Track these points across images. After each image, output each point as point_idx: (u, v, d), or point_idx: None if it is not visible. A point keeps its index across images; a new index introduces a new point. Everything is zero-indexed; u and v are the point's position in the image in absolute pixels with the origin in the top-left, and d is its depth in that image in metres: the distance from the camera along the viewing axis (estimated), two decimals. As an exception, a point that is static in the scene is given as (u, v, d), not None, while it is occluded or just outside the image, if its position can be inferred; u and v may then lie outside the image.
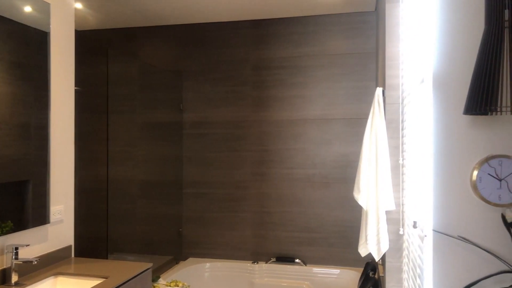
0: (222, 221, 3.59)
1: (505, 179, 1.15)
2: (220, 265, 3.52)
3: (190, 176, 3.66)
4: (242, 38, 3.54)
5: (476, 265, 1.17)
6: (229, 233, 3.57)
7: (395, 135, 2.22)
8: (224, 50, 3.57)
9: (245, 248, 3.55)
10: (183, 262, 3.55)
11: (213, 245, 3.61)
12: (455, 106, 1.19)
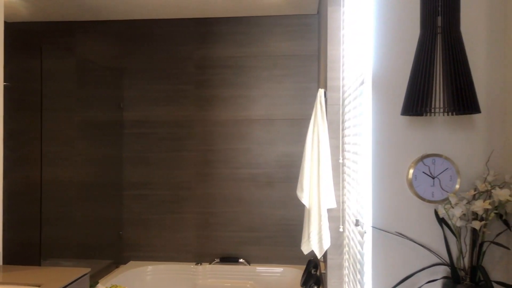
0: (164, 222, 3.51)
1: (438, 177, 1.22)
2: (163, 268, 3.43)
3: (130, 177, 3.54)
4: (186, 36, 3.48)
5: (412, 259, 1.23)
6: (172, 234, 3.50)
7: (336, 135, 2.28)
8: (167, 48, 3.50)
9: (188, 250, 3.50)
10: (123, 266, 3.43)
11: (155, 248, 3.52)
12: (393, 107, 1.24)
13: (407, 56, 1.23)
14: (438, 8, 1.07)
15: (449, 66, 1.04)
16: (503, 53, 1.21)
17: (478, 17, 1.22)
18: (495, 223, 1.18)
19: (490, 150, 1.21)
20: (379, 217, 1.24)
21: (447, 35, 1.05)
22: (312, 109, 3.37)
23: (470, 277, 1.13)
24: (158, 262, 3.49)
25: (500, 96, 1.21)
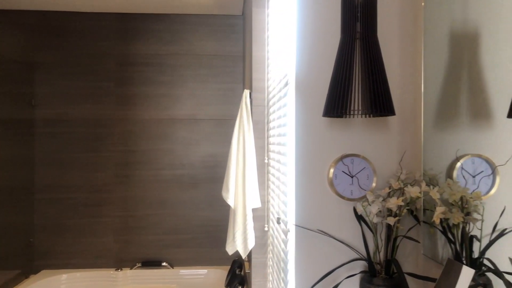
0: (81, 228, 3.31)
1: (356, 176, 1.28)
2: (79, 276, 3.23)
3: (43, 180, 3.28)
4: (106, 31, 3.31)
5: (333, 255, 1.27)
6: (90, 240, 3.31)
7: (261, 135, 2.31)
8: (85, 43, 3.30)
9: (107, 255, 3.33)
10: (34, 275, 3.17)
11: (71, 255, 3.30)
12: (315, 109, 1.28)
13: (329, 59, 1.27)
14: (358, 14, 1.11)
15: (367, 70, 1.09)
16: (413, 60, 1.30)
17: (392, 25, 1.30)
18: (407, 219, 1.27)
19: (403, 150, 1.29)
20: (302, 216, 1.27)
21: (365, 40, 1.10)
22: (237, 109, 3.38)
23: (385, 270, 1.20)
24: (74, 270, 3.28)
25: (411, 100, 1.30)
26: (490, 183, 0.97)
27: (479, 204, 1.00)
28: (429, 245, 1.22)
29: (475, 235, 1.01)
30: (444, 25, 1.14)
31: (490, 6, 0.97)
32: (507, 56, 0.91)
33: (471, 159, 1.03)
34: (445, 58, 1.14)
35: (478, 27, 1.01)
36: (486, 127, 0.98)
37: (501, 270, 0.92)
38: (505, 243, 0.91)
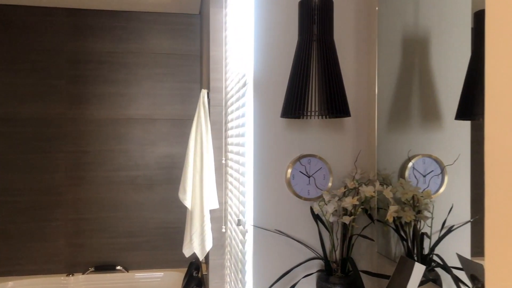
0: (29, 232, 3.15)
1: (313, 176, 1.29)
2: (27, 283, 3.07)
3: (-13, 182, 3.10)
4: (56, 27, 3.17)
5: (291, 255, 1.28)
6: (39, 245, 3.16)
7: (219, 136, 2.29)
8: (34, 38, 3.15)
9: (58, 261, 3.19)
10: (-23, 284, 2.99)
11: (18, 261, 3.14)
12: (273, 110, 1.28)
13: (286, 60, 1.28)
14: (315, 17, 1.13)
15: (323, 72, 1.11)
16: (368, 63, 1.33)
17: (348, 28, 1.32)
18: (362, 217, 1.30)
19: (358, 150, 1.32)
20: (260, 216, 1.27)
21: (322, 42, 1.12)
22: (195, 109, 3.34)
23: (341, 268, 1.22)
24: (22, 276, 3.12)
25: (365, 101, 1.33)
26: (439, 182, 1.01)
27: (429, 203, 1.04)
28: (383, 243, 1.25)
29: (426, 232, 1.05)
30: (397, 29, 1.18)
31: (439, 12, 1.01)
32: (454, 60, 0.95)
33: (422, 159, 1.07)
34: (397, 61, 1.18)
35: (428, 32, 1.05)
36: (436, 128, 1.02)
37: (449, 266, 0.96)
38: (453, 239, 0.95)
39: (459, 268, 0.93)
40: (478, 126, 0.88)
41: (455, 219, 0.95)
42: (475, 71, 0.88)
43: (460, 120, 0.93)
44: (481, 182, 0.88)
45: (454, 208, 0.95)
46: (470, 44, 0.90)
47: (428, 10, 1.05)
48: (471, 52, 0.90)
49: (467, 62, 0.91)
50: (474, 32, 0.89)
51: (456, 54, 0.95)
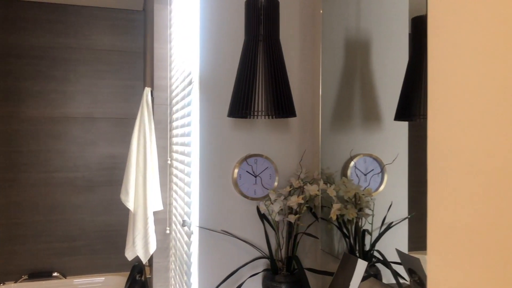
0: (-47, 239, 2.90)
1: (260, 176, 1.30)
2: (-49, 295, 2.84)
3: None
4: (-15, 18, 2.95)
5: (237, 255, 1.28)
6: (-35, 253, 2.92)
7: (163, 135, 2.24)
8: (-42, 29, 2.90)
9: (-13, 269, 2.97)
10: None
11: None
12: (220, 109, 1.27)
13: (233, 59, 1.28)
14: (261, 17, 1.13)
15: (270, 72, 1.12)
16: (312, 64, 1.36)
17: (293, 29, 1.34)
18: (307, 216, 1.32)
19: (303, 150, 1.34)
20: (206, 217, 1.26)
21: (268, 42, 1.12)
22: (138, 108, 3.25)
23: (286, 267, 1.24)
24: None
25: (310, 102, 1.36)
26: (379, 180, 1.05)
27: (370, 200, 1.08)
28: (326, 241, 1.28)
29: (367, 229, 1.09)
30: (340, 32, 1.22)
31: (379, 17, 1.05)
32: (393, 63, 0.99)
33: (363, 158, 1.11)
34: (341, 63, 1.21)
35: (369, 36, 1.09)
36: (376, 128, 1.06)
37: (388, 261, 1.00)
38: (392, 235, 0.99)
39: (398, 262, 0.97)
40: (415, 127, 0.93)
41: (394, 215, 0.99)
42: (413, 74, 0.93)
43: (398, 121, 0.97)
44: (417, 180, 0.92)
45: (393, 205, 0.99)
46: (408, 48, 0.94)
47: (368, 14, 1.09)
48: (409, 57, 0.94)
49: (405, 65, 0.95)
50: (411, 37, 0.94)
51: (395, 57, 0.99)
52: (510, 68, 0.29)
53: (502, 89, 0.30)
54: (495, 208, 0.30)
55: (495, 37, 0.30)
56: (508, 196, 0.29)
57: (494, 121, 0.30)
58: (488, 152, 0.30)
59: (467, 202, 0.33)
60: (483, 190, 0.31)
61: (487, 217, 0.31)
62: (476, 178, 0.32)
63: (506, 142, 0.29)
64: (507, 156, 0.29)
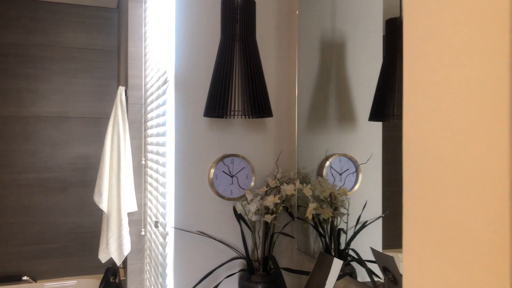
0: None
1: (236, 176, 1.29)
2: None
3: None
4: (-50, 13, 2.84)
5: (213, 256, 1.27)
6: None
7: (138, 135, 2.21)
8: None
9: (-48, 274, 2.85)
10: None
11: None
12: (196, 108, 1.26)
13: (209, 58, 1.27)
14: (237, 16, 1.13)
15: (246, 71, 1.11)
16: (289, 64, 1.36)
17: (269, 29, 1.35)
18: (283, 216, 1.33)
19: (279, 150, 1.34)
20: (182, 218, 1.24)
21: (245, 42, 1.12)
22: (111, 107, 3.19)
23: (263, 266, 1.24)
24: None
25: (286, 102, 1.36)
26: (354, 180, 1.07)
27: (345, 200, 1.09)
28: (302, 240, 1.29)
29: (342, 228, 1.10)
30: (315, 33, 1.23)
31: (354, 18, 1.06)
32: (367, 64, 1.01)
33: (338, 158, 1.12)
34: (316, 64, 1.22)
35: (344, 37, 1.10)
36: (351, 129, 1.07)
37: (363, 259, 1.02)
38: (367, 233, 1.01)
39: (373, 261, 0.98)
40: (389, 127, 0.94)
41: (368, 214, 1.00)
42: (387, 75, 0.94)
43: (373, 121, 0.99)
44: (391, 180, 0.94)
45: (368, 204, 1.01)
46: (382, 50, 0.96)
47: (344, 16, 1.10)
48: (383, 58, 0.95)
49: (380, 67, 0.96)
50: (385, 39, 0.95)
51: (369, 59, 1.00)
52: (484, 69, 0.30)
53: (476, 89, 0.30)
54: (470, 206, 0.31)
55: (468, 39, 0.31)
56: (483, 194, 0.29)
57: (468, 120, 0.31)
58: (463, 151, 0.31)
59: (442, 200, 0.33)
60: (457, 189, 0.32)
61: (462, 215, 0.31)
62: (450, 176, 0.32)
63: (480, 140, 0.30)
64: (480, 154, 0.29)
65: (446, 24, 0.33)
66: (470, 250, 0.30)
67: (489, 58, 0.29)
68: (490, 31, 0.28)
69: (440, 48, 0.34)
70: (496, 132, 0.28)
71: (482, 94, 0.29)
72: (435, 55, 0.34)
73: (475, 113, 0.30)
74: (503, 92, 0.27)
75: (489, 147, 0.29)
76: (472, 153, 0.30)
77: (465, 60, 0.31)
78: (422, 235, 0.35)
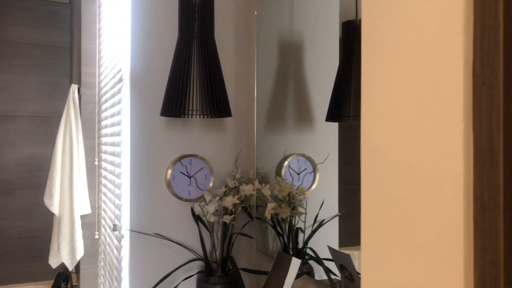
0: None
1: (194, 176, 1.28)
2: None
3: None
4: None
5: (171, 259, 1.24)
6: None
7: (91, 135, 2.13)
8: None
9: None
10: None
11: None
12: (153, 108, 1.23)
13: (166, 57, 1.25)
14: (195, 14, 1.12)
15: (204, 70, 1.10)
16: (247, 64, 1.36)
17: (228, 29, 1.34)
18: (242, 216, 1.32)
19: (238, 150, 1.34)
20: (138, 219, 1.21)
21: (203, 41, 1.11)
22: (63, 106, 3.06)
23: (221, 268, 1.23)
24: None
25: (245, 102, 1.36)
26: (311, 179, 1.08)
27: (303, 199, 1.10)
28: (261, 240, 1.29)
29: (300, 227, 1.11)
30: (274, 34, 1.23)
31: (311, 20, 1.08)
32: (324, 66, 1.02)
33: (297, 158, 1.13)
34: (275, 65, 1.23)
35: (302, 39, 1.11)
36: (309, 129, 1.08)
37: (321, 258, 1.03)
38: (324, 232, 1.02)
39: (330, 259, 1.00)
40: (345, 127, 0.96)
41: (325, 213, 1.02)
42: (343, 77, 0.96)
43: (330, 121, 1.00)
44: (347, 179, 0.96)
45: (325, 203, 1.02)
46: (339, 52, 0.98)
47: (302, 18, 1.11)
48: (339, 60, 0.97)
49: (336, 68, 0.98)
50: (341, 41, 0.97)
51: (326, 60, 1.02)
52: (438, 71, 0.31)
53: (431, 92, 0.31)
54: (425, 203, 0.31)
55: (423, 43, 0.32)
56: (437, 192, 0.30)
57: (424, 120, 0.32)
58: (418, 150, 0.32)
59: (399, 199, 0.34)
60: (413, 187, 0.32)
61: (418, 212, 0.32)
62: (406, 175, 0.33)
63: (434, 140, 0.31)
64: (435, 153, 0.30)
65: (402, 28, 0.34)
66: (426, 247, 0.31)
67: (445, 60, 0.30)
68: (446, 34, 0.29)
69: (397, 51, 0.34)
70: (450, 132, 0.29)
71: (436, 96, 0.30)
72: (392, 58, 0.35)
73: (431, 114, 0.31)
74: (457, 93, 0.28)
75: (443, 146, 0.30)
76: (428, 153, 0.31)
77: (420, 61, 0.32)
78: (380, 233, 0.36)
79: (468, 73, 0.27)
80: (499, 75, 0.24)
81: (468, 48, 0.27)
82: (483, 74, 0.26)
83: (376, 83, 0.37)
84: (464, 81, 0.28)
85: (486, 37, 0.25)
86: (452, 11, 0.29)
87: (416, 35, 0.32)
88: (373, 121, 0.37)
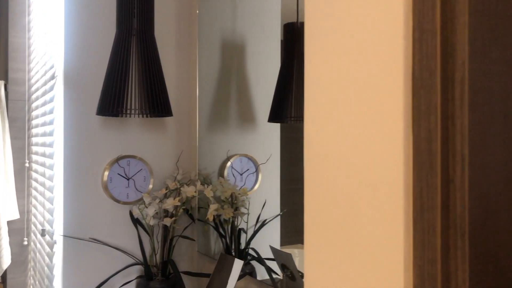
0: None
1: (133, 178, 1.23)
2: None
3: None
4: None
5: (108, 264, 1.19)
6: None
7: (21, 135, 2.00)
8: None
9: None
10: None
11: None
12: (88, 106, 1.17)
13: (103, 53, 1.19)
14: (134, 10, 1.08)
15: (144, 68, 1.07)
16: (189, 63, 1.34)
17: (169, 26, 1.31)
18: (183, 218, 1.30)
19: (180, 150, 1.31)
20: (72, 224, 1.15)
21: (142, 38, 1.07)
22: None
23: (162, 271, 1.19)
24: None
25: (187, 102, 1.33)
26: (254, 180, 1.08)
27: (246, 199, 1.10)
28: (203, 242, 1.27)
29: (243, 228, 1.11)
30: (216, 34, 1.22)
31: (253, 21, 1.08)
32: (266, 67, 1.03)
33: (239, 159, 1.13)
34: (217, 65, 1.21)
35: (244, 39, 1.11)
36: (252, 129, 1.08)
37: (263, 257, 1.04)
38: (266, 232, 1.03)
39: (272, 259, 1.00)
40: (287, 128, 0.97)
41: (268, 213, 1.02)
42: (285, 78, 0.97)
43: (272, 122, 1.01)
44: (289, 178, 0.97)
45: (267, 203, 1.03)
46: (280, 53, 0.99)
47: (244, 18, 1.11)
48: (281, 62, 0.98)
49: (278, 70, 0.99)
50: (283, 43, 0.98)
51: (268, 61, 1.03)
52: (379, 74, 0.31)
53: (372, 94, 0.32)
54: (366, 203, 0.32)
55: (363, 46, 0.32)
56: (378, 193, 0.31)
57: (365, 123, 0.32)
58: (359, 151, 0.32)
59: (341, 198, 0.34)
60: (354, 187, 0.33)
61: (359, 212, 0.33)
62: (348, 175, 0.33)
63: (375, 142, 0.31)
64: (376, 154, 0.31)
65: (344, 32, 0.34)
66: (367, 246, 0.32)
67: (385, 63, 0.30)
68: (386, 37, 0.30)
69: (339, 54, 0.35)
70: (390, 133, 0.30)
71: (377, 98, 0.31)
72: (334, 61, 0.35)
73: (372, 116, 0.31)
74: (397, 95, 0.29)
75: (384, 148, 0.30)
76: (369, 154, 0.31)
77: (362, 64, 0.32)
78: (322, 233, 0.36)
79: (407, 76, 0.28)
80: (436, 78, 0.25)
81: (407, 51, 0.28)
82: (421, 77, 0.27)
83: (318, 85, 0.37)
84: (404, 84, 0.28)
85: (424, 40, 0.26)
86: (393, 16, 0.29)
87: (357, 39, 0.33)
88: (316, 122, 0.37)
